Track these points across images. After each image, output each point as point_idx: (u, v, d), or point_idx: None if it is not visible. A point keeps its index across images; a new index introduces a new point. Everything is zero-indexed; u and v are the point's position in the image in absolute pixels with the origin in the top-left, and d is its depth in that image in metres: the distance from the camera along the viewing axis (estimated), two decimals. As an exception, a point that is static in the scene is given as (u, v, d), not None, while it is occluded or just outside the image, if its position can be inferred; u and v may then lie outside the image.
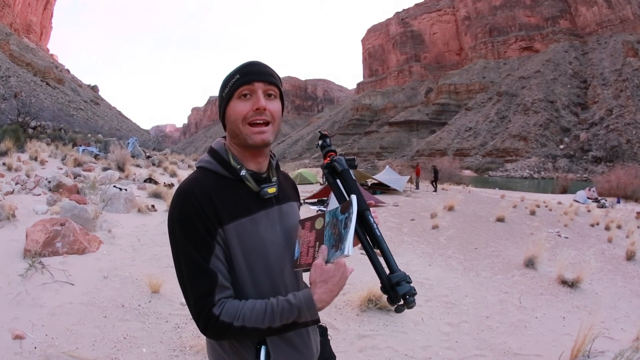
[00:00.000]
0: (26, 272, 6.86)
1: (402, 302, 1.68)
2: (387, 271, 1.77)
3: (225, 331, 1.70)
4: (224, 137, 2.06)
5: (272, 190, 1.95)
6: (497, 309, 8.76)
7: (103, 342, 5.39)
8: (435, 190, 36.61)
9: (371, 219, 1.89)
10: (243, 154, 1.95)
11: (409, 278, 1.72)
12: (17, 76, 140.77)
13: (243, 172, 1.90)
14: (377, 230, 1.86)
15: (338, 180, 2.07)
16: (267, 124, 1.88)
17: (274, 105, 1.90)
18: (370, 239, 1.87)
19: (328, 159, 2.10)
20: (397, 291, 1.68)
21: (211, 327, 1.70)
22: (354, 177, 2.05)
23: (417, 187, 37.28)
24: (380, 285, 1.76)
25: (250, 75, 1.86)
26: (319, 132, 2.25)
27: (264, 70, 1.90)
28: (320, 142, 2.20)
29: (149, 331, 5.80)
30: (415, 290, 1.70)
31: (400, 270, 1.73)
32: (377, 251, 1.85)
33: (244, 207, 1.87)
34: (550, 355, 6.49)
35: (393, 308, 1.72)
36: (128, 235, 10.54)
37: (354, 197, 1.78)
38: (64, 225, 8.55)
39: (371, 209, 1.94)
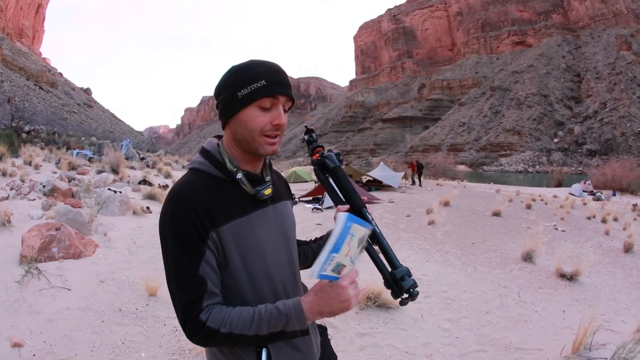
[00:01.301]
0: (23, 278, 6.80)
1: (406, 295, 1.74)
2: (388, 267, 1.80)
3: (212, 337, 1.67)
4: (217, 137, 2.01)
5: (268, 191, 1.91)
6: (497, 303, 8.74)
7: (102, 347, 5.35)
8: (420, 185, 37.24)
9: (369, 216, 1.92)
10: (244, 156, 1.89)
11: (410, 271, 1.77)
12: (10, 81, 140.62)
13: (239, 176, 1.85)
14: (375, 227, 1.87)
15: (329, 177, 2.07)
16: (277, 136, 1.84)
17: (286, 119, 1.86)
18: (369, 236, 1.86)
19: (317, 155, 2.10)
20: (402, 286, 1.73)
21: (197, 333, 1.67)
22: (345, 174, 2.04)
23: (413, 183, 37.39)
24: (383, 281, 1.81)
25: (278, 88, 1.78)
26: (305, 126, 2.23)
27: (288, 83, 1.83)
28: (306, 137, 2.19)
29: (147, 335, 5.76)
30: (416, 282, 1.76)
31: (402, 265, 1.78)
32: (376, 247, 1.87)
33: (239, 207, 1.82)
34: (552, 348, 6.47)
35: (397, 302, 1.78)
36: (124, 238, 10.50)
37: (341, 216, 1.66)
38: (59, 229, 8.51)
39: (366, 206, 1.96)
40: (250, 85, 1.76)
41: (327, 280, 1.64)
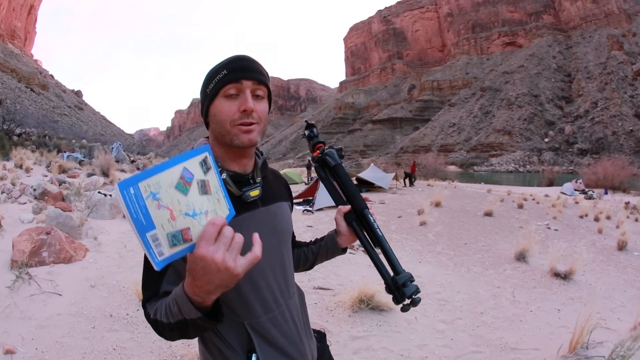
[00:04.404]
0: (13, 283, 6.74)
1: (408, 301, 1.71)
2: (390, 271, 1.77)
3: (156, 327, 1.57)
4: (207, 138, 1.95)
5: (254, 193, 1.83)
6: (491, 304, 8.72)
7: (93, 354, 5.29)
8: (412, 185, 37.84)
9: (371, 218, 1.89)
10: (226, 154, 1.83)
11: (413, 277, 1.74)
12: (2, 83, 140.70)
13: (224, 176, 1.77)
14: (378, 230, 1.86)
15: (330, 175, 2.03)
16: (253, 124, 1.75)
17: (262, 106, 1.79)
18: (371, 238, 1.87)
19: (318, 151, 2.05)
20: (404, 292, 1.70)
21: (150, 323, 1.59)
22: (346, 172, 2.00)
23: (412, 185, 37.46)
24: (383, 285, 1.78)
25: (239, 73, 1.72)
26: (306, 121, 2.18)
27: (253, 67, 1.77)
28: (307, 132, 2.14)
29: (139, 341, 5.70)
30: (419, 288, 1.71)
31: (404, 270, 1.74)
32: (378, 250, 1.86)
33: None
34: (548, 348, 6.45)
35: (397, 306, 1.73)
36: (114, 242, 10.42)
37: (116, 189, 1.17)
38: (49, 234, 8.44)
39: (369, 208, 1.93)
40: (214, 78, 1.74)
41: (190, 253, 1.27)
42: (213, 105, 1.76)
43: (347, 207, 2.00)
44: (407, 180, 37.97)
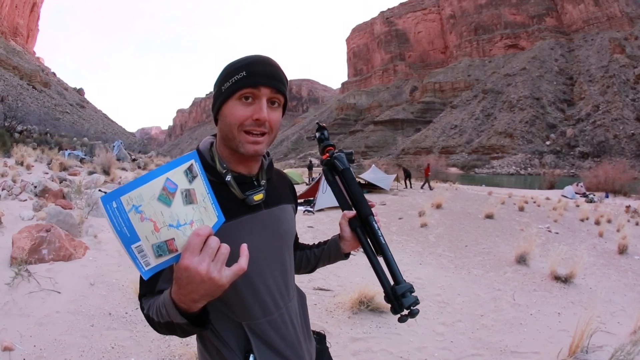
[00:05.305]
0: (12, 280, 6.70)
1: (406, 312, 1.69)
2: (391, 280, 1.76)
3: (149, 321, 1.59)
4: (214, 135, 1.91)
5: (258, 197, 1.79)
6: (491, 306, 8.69)
7: (91, 352, 5.27)
8: (411, 186, 37.96)
9: (375, 225, 1.85)
10: (232, 156, 1.79)
11: (413, 288, 1.72)
12: (4, 80, 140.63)
13: (228, 178, 1.75)
14: (381, 237, 1.83)
15: (338, 179, 2.00)
16: (263, 134, 1.72)
17: (275, 115, 1.74)
18: (374, 245, 1.84)
19: (327, 154, 2.02)
20: (402, 303, 1.69)
21: (144, 317, 1.61)
22: (354, 177, 1.97)
23: (431, 188, 37.21)
24: (383, 294, 1.76)
25: (258, 78, 1.67)
26: (317, 123, 2.16)
27: (274, 74, 1.72)
28: (317, 134, 2.12)
29: (137, 340, 5.68)
30: (418, 299, 1.70)
31: (405, 280, 1.73)
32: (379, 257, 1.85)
33: (225, 212, 1.66)
34: (548, 352, 6.43)
35: (396, 317, 1.72)
36: (114, 240, 10.31)
37: (101, 202, 1.20)
38: (49, 231, 8.41)
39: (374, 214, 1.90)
40: (232, 77, 1.68)
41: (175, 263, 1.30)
42: (226, 105, 1.72)
43: (352, 213, 1.97)
44: (407, 182, 37.97)
